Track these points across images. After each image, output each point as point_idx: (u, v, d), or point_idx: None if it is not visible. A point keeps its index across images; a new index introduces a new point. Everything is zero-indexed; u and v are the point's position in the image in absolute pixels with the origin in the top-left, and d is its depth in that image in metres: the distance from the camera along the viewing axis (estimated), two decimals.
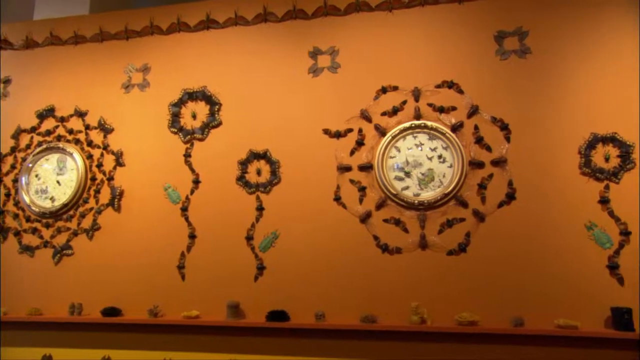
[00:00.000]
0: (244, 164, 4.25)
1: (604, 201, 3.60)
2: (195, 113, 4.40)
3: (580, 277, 3.45)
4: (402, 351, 3.73)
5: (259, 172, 4.21)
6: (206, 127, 4.34)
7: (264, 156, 4.22)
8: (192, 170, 4.32)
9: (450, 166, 3.94)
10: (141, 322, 4.03)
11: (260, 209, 4.15)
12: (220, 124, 4.37)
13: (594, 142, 3.69)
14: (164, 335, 4.06)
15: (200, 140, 4.38)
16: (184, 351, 3.99)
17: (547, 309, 3.51)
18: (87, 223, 4.40)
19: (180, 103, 4.39)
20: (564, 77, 3.87)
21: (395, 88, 4.13)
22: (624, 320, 3.29)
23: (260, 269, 4.06)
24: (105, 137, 4.48)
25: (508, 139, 3.87)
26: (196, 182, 4.30)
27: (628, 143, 3.64)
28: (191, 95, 4.41)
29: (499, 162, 3.85)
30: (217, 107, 4.33)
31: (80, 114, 4.67)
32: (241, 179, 4.23)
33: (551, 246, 3.54)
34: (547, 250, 3.54)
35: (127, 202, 4.41)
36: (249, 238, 4.12)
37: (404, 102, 4.10)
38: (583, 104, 3.78)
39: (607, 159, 3.65)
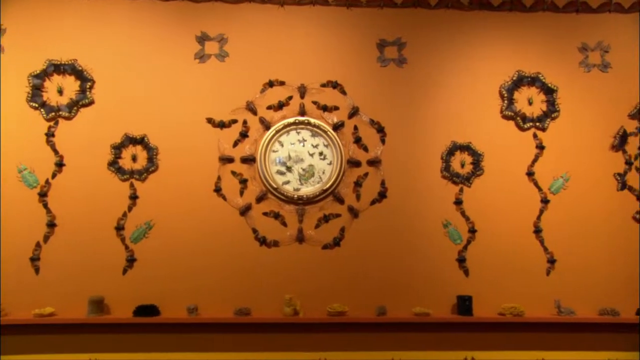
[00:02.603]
0: (117, 149, 2.86)
1: (458, 202, 3.05)
2: (62, 88, 2.86)
3: (435, 269, 2.97)
4: (275, 342, 2.84)
5: (134, 158, 2.84)
6: (75, 105, 2.83)
7: (140, 141, 2.85)
8: (55, 152, 2.83)
9: (330, 163, 3.03)
10: None
11: (133, 197, 2.82)
12: (92, 102, 2.89)
13: (453, 149, 3.10)
14: (9, 337, 2.59)
15: (67, 119, 2.88)
16: (35, 353, 2.55)
17: (406, 298, 2.93)
18: None
19: (43, 75, 2.85)
20: (434, 88, 3.15)
21: (282, 83, 3.05)
22: (465, 306, 2.84)
23: (131, 261, 2.77)
24: None
25: (383, 141, 3.09)
26: (59, 164, 2.82)
27: (479, 152, 3.08)
28: (58, 68, 2.85)
29: (374, 162, 3.07)
30: (89, 84, 2.85)
31: None
32: (114, 165, 2.83)
33: (413, 241, 3.00)
34: (409, 245, 2.99)
35: None
36: (120, 228, 2.79)
37: (290, 98, 3.06)
38: (447, 114, 3.12)
39: (462, 165, 3.08)
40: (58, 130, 2.92)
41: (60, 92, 2.92)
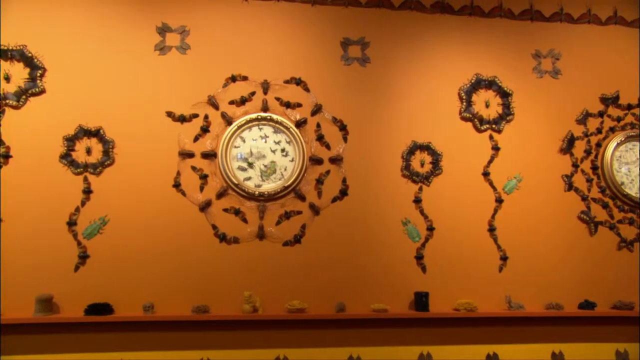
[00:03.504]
0: (71, 141, 2.74)
1: (417, 200, 3.09)
2: (9, 75, 2.72)
3: (393, 266, 2.99)
4: (234, 340, 2.79)
5: (88, 151, 2.74)
6: (24, 94, 2.70)
7: (96, 134, 2.75)
8: (1, 142, 2.63)
9: (292, 160, 3.01)
10: None
11: (87, 191, 2.71)
12: (42, 92, 2.75)
13: (413, 148, 3.14)
14: None
15: (15, 107, 2.74)
16: None
17: (365, 295, 2.94)
18: None
19: None
20: (396, 88, 3.18)
21: (245, 78, 3.01)
22: (422, 303, 2.89)
23: (83, 257, 2.67)
24: None
25: (345, 139, 3.09)
26: (6, 156, 2.69)
27: (438, 152, 3.14)
28: (5, 53, 2.69)
29: (336, 160, 3.06)
30: (39, 72, 2.71)
31: None
32: (66, 157, 2.72)
33: (373, 239, 3.01)
34: (369, 242, 3.00)
35: None
36: (72, 223, 2.68)
37: (253, 94, 3.02)
38: (408, 114, 3.16)
39: (422, 165, 3.13)
40: (4, 119, 2.76)
41: (7, 78, 2.76)
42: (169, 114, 2.92)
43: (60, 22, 2.88)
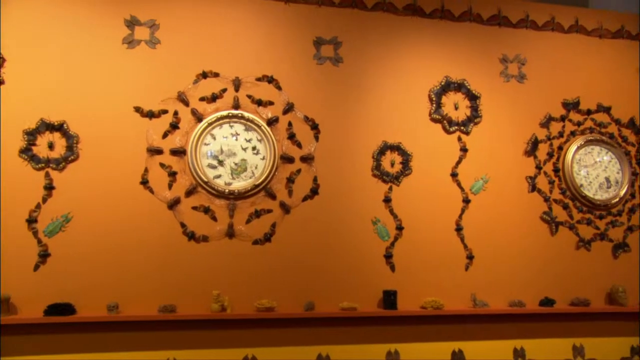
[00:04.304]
0: (32, 135, 2.64)
1: (387, 200, 3.11)
2: None
3: (363, 265, 3.00)
4: (201, 340, 2.75)
5: (51, 146, 2.63)
6: None
7: (59, 128, 2.66)
8: None
9: (263, 158, 2.98)
10: None
11: (49, 187, 2.62)
12: (1, 82, 2.58)
13: (384, 148, 3.16)
14: None
15: None
16: None
17: (335, 293, 2.95)
18: None
19: None
20: (367, 88, 3.20)
21: (217, 75, 2.97)
22: (390, 301, 2.92)
23: (44, 256, 2.57)
24: None
25: (317, 138, 3.09)
26: None
27: (408, 152, 3.18)
28: None
29: (307, 159, 3.06)
30: None
31: None
32: (27, 152, 2.63)
33: (343, 238, 3.01)
34: (339, 241, 3.01)
35: None
36: (32, 221, 2.58)
37: (224, 90, 2.98)
38: (379, 114, 3.19)
39: (392, 165, 3.16)
40: None
41: None
42: (137, 109, 2.85)
43: (21, 10, 2.77)
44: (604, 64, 3.60)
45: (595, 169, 3.43)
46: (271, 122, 3.01)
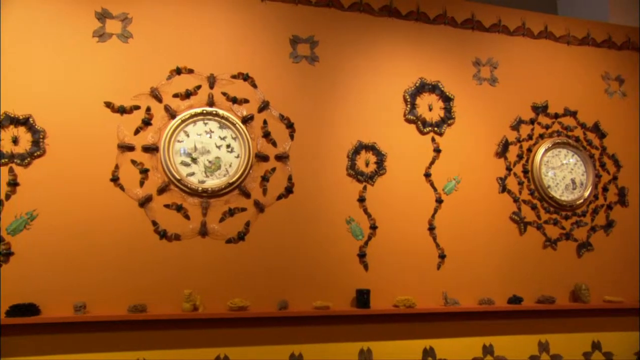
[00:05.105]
0: None
1: (361, 200, 3.13)
2: None
3: (337, 264, 3.01)
4: (172, 340, 2.70)
5: (15, 141, 2.53)
6: None
7: (24, 123, 2.57)
8: None
9: (238, 157, 2.95)
10: None
11: (13, 184, 2.54)
12: None
13: (359, 148, 3.18)
14: None
15: None
16: None
17: (308, 292, 2.94)
18: None
19: None
20: (343, 88, 3.22)
21: (191, 71, 2.91)
22: (363, 300, 2.93)
23: (6, 255, 2.51)
24: None
25: (292, 137, 3.09)
26: None
27: (383, 152, 3.20)
28: None
29: (282, 158, 3.04)
30: None
31: None
32: None
33: (317, 237, 3.01)
34: (313, 240, 3.00)
35: None
36: None
37: (198, 87, 2.93)
38: (354, 114, 3.20)
39: (367, 164, 3.18)
40: None
41: None
42: (108, 105, 2.79)
43: None
44: (571, 69, 3.73)
45: (562, 171, 3.55)
46: (246, 120, 2.98)
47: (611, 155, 3.67)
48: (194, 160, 2.86)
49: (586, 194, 3.54)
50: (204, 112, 2.89)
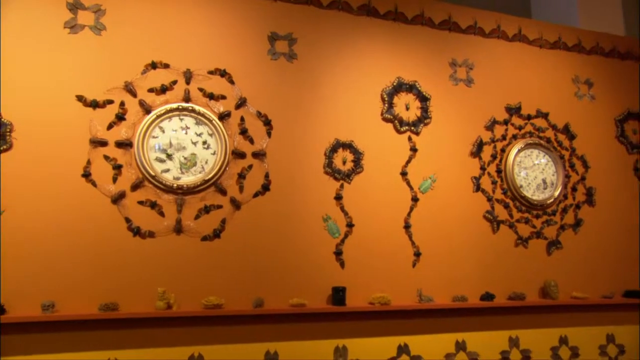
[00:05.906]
0: None
1: (338, 197, 3.13)
2: None
3: (313, 261, 3.01)
4: (145, 338, 2.65)
5: None
6: None
7: None
8: None
9: (214, 153, 2.92)
10: None
11: None
12: None
13: (336, 146, 3.18)
14: None
15: None
16: None
17: (284, 290, 2.93)
18: None
19: None
20: (321, 86, 3.22)
21: (167, 66, 2.87)
22: (339, 297, 2.94)
23: None
24: None
25: (269, 134, 3.07)
26: None
27: (360, 151, 3.22)
28: None
29: (259, 155, 3.03)
30: None
31: None
32: None
33: (293, 235, 3.00)
34: (290, 238, 2.99)
35: None
36: None
37: (174, 82, 2.88)
38: (332, 112, 3.21)
39: (344, 162, 3.19)
40: None
41: None
42: (80, 99, 2.72)
43: None
44: (543, 72, 3.83)
45: (533, 171, 3.66)
46: (223, 117, 2.96)
47: (580, 157, 3.79)
48: (169, 156, 2.83)
49: (556, 193, 3.65)
50: (180, 107, 2.85)
